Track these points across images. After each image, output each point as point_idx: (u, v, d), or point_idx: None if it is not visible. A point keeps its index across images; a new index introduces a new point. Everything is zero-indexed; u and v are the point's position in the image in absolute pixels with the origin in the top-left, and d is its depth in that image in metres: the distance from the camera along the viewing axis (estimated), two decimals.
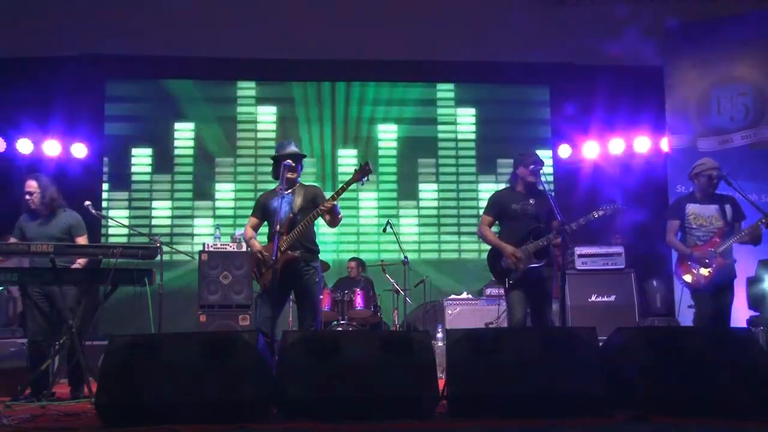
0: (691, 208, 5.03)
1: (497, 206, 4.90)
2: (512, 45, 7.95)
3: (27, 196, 4.89)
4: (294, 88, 8.89)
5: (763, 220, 4.82)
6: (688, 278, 4.95)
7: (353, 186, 4.50)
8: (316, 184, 4.90)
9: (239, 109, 8.85)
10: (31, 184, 4.92)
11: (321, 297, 6.79)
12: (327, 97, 8.94)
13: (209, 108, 8.75)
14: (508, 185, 5.02)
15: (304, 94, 8.89)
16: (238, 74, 8.82)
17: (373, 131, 8.93)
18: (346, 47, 8.14)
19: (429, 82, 9.04)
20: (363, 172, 4.48)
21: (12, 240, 4.88)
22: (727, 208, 4.99)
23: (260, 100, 8.89)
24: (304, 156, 4.85)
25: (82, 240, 4.89)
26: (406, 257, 7.12)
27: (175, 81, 8.71)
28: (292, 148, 4.77)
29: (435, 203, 8.90)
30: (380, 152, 8.90)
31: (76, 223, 4.94)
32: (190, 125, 8.72)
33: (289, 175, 4.60)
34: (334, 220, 4.55)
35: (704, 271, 4.86)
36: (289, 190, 4.69)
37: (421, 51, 8.28)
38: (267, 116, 8.87)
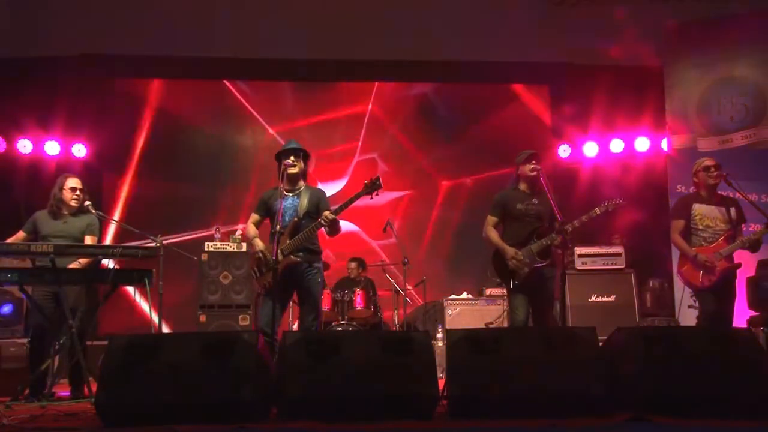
0: (697, 209, 5.00)
1: (502, 206, 4.90)
2: (512, 45, 7.96)
3: (73, 193, 4.94)
4: None
5: None
6: (691, 279, 4.94)
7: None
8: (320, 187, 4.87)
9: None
10: (78, 182, 5.01)
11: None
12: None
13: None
14: (510, 185, 5.01)
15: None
16: (238, 74, 8.82)
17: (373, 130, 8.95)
18: (346, 47, 8.15)
19: (429, 82, 9.04)
20: (373, 186, 4.46)
21: (21, 234, 4.89)
22: (732, 211, 4.97)
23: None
24: (308, 154, 4.82)
25: (91, 240, 4.91)
26: (405, 257, 7.13)
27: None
28: (292, 145, 4.77)
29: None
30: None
31: (95, 225, 5.01)
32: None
33: (291, 171, 4.61)
34: (333, 232, 4.56)
35: (709, 274, 4.84)
36: (295, 192, 4.68)
37: (421, 51, 8.29)
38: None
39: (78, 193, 4.96)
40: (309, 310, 4.59)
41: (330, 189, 8.32)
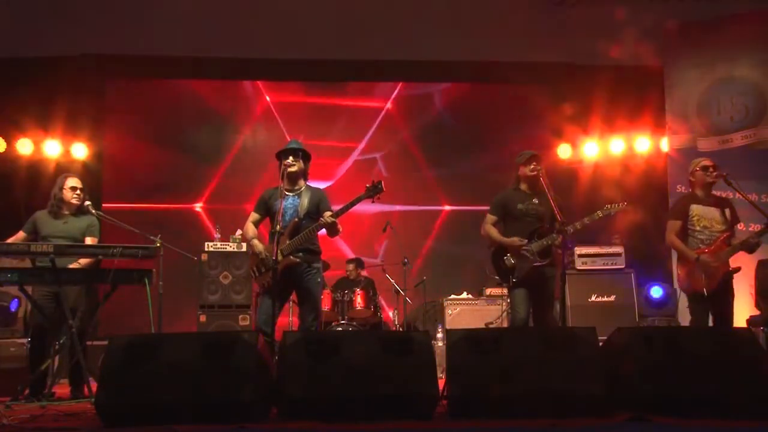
0: (695, 209, 4.96)
1: (503, 206, 4.90)
2: (512, 45, 7.95)
3: (74, 192, 4.96)
4: None
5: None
6: (692, 283, 4.86)
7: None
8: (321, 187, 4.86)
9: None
10: (79, 181, 5.04)
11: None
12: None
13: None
14: (511, 185, 5.01)
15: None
16: (237, 74, 8.81)
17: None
18: (346, 47, 8.15)
19: (429, 82, 9.04)
20: (375, 190, 4.46)
21: (21, 234, 4.90)
22: (727, 212, 4.94)
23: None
24: (308, 154, 4.79)
25: (91, 241, 4.91)
26: (406, 257, 7.14)
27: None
28: (293, 145, 4.76)
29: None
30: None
31: (95, 226, 5.02)
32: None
33: (290, 170, 4.60)
34: (332, 233, 4.56)
35: (711, 279, 4.79)
36: (295, 192, 4.67)
37: (421, 51, 8.29)
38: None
39: (78, 192, 4.97)
40: (309, 310, 4.59)
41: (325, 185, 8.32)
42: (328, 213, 4.53)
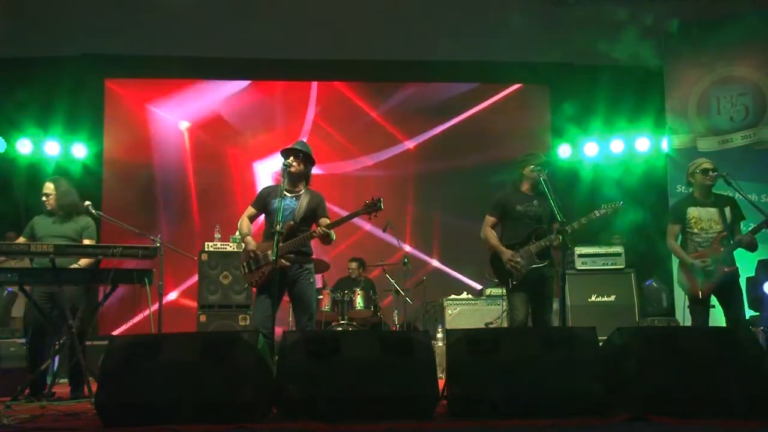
0: (692, 212, 4.95)
1: (502, 207, 4.90)
2: (512, 45, 7.96)
3: (43, 198, 5.00)
4: None
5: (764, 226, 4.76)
6: (690, 288, 4.87)
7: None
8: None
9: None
10: (49, 187, 5.04)
11: (320, 297, 6.83)
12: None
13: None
14: (511, 186, 5.00)
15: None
16: (237, 74, 8.81)
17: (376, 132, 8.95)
18: (347, 47, 8.15)
19: (429, 82, 9.04)
20: (373, 207, 4.44)
21: (21, 240, 4.92)
22: (727, 210, 4.92)
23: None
24: (311, 158, 4.74)
25: (88, 242, 4.92)
26: (406, 257, 7.14)
27: None
28: (295, 146, 4.74)
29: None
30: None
31: (90, 227, 5.04)
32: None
33: (290, 170, 4.59)
34: (325, 242, 4.56)
35: (708, 281, 4.77)
36: (294, 194, 4.66)
37: (421, 51, 8.29)
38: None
39: (44, 198, 4.98)
40: (303, 311, 4.58)
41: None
42: (324, 221, 4.53)
